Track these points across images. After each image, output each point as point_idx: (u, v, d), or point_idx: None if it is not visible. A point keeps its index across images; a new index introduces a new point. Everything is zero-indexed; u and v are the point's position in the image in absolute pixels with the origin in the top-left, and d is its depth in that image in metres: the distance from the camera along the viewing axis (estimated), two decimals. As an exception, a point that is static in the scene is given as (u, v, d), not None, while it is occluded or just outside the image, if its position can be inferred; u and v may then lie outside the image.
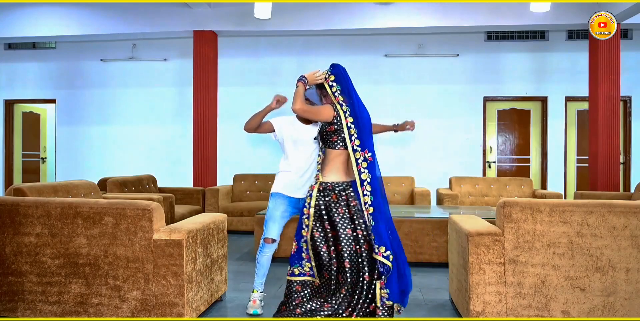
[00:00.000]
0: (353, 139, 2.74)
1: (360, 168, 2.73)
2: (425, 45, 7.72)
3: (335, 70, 2.87)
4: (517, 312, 2.54)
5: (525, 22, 6.47)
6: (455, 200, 5.95)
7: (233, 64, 7.85)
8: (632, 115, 7.65)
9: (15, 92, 8.46)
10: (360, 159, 2.73)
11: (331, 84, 2.83)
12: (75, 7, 6.99)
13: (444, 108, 7.72)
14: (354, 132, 2.75)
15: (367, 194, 2.71)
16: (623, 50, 6.61)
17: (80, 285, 2.72)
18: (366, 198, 2.71)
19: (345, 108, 2.78)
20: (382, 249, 2.65)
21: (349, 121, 2.75)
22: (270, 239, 3.14)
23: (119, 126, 8.20)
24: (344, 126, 2.75)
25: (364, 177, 2.72)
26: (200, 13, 6.82)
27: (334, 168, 2.83)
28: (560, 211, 2.51)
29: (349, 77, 2.88)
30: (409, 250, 4.42)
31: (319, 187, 2.82)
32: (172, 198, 5.31)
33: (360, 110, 2.80)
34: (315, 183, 2.86)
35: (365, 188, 2.71)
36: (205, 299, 2.93)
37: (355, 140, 2.74)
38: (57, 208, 2.73)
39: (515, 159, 7.88)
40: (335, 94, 2.81)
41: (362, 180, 2.72)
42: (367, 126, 2.80)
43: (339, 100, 2.80)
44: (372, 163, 2.74)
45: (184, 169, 7.68)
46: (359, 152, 2.74)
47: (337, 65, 2.90)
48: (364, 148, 2.74)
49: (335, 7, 6.66)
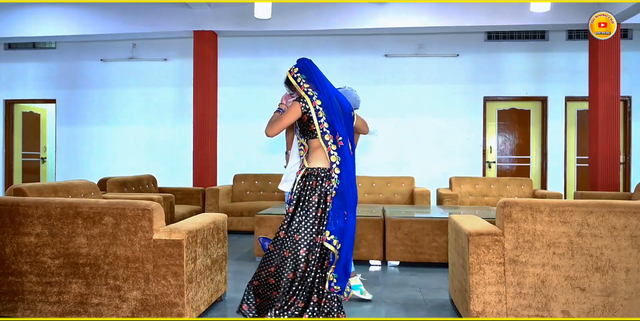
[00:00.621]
0: (322, 121, 2.77)
1: (330, 150, 2.76)
2: (425, 45, 7.73)
3: (299, 63, 2.92)
4: (517, 312, 2.54)
5: (525, 22, 6.47)
6: (455, 200, 5.95)
7: (233, 64, 7.85)
8: (632, 115, 7.65)
9: (15, 92, 8.46)
10: (329, 142, 2.76)
11: (296, 75, 2.88)
12: (75, 7, 6.99)
13: (444, 108, 7.72)
14: (322, 115, 2.77)
15: (334, 177, 2.74)
16: (623, 50, 6.61)
17: (80, 285, 2.72)
18: (333, 180, 2.75)
19: (311, 93, 2.82)
20: (327, 234, 2.69)
21: (317, 104, 2.78)
22: None
23: (119, 126, 8.20)
24: (312, 109, 2.78)
25: (333, 159, 2.76)
26: (200, 13, 6.82)
27: (318, 156, 2.84)
28: (560, 211, 2.51)
29: (317, 68, 2.91)
30: (409, 250, 4.43)
31: (303, 173, 2.83)
32: (172, 198, 5.31)
33: (330, 96, 2.82)
34: (301, 169, 2.87)
35: (334, 171, 2.74)
36: (205, 299, 2.93)
37: (324, 123, 2.77)
38: (57, 208, 2.73)
39: (515, 159, 7.88)
40: (301, 83, 2.86)
41: (332, 162, 2.76)
42: (339, 112, 2.82)
43: (304, 88, 2.84)
44: (343, 147, 2.77)
45: (184, 169, 7.68)
46: (328, 134, 2.76)
47: (302, 58, 2.95)
48: (335, 132, 2.77)
49: (335, 7, 6.66)
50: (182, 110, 7.93)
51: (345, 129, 2.81)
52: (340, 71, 7.63)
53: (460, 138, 7.73)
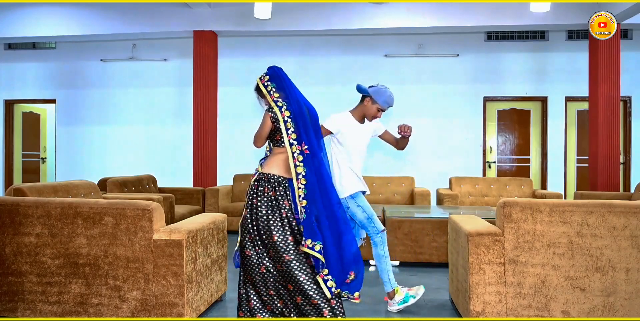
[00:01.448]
0: (290, 133, 2.79)
1: (296, 162, 2.78)
2: (425, 46, 7.72)
3: (270, 71, 2.94)
4: (517, 312, 2.54)
5: (525, 22, 6.47)
6: (455, 200, 5.95)
7: (233, 64, 7.84)
8: (632, 115, 7.65)
9: (15, 92, 8.46)
10: (296, 153, 2.78)
11: (266, 83, 2.89)
12: (75, 7, 6.99)
13: (444, 108, 7.72)
14: (290, 126, 2.80)
15: (301, 188, 2.76)
16: (623, 50, 6.61)
17: (80, 285, 2.72)
18: (300, 191, 2.76)
19: (280, 103, 2.84)
20: (309, 242, 2.69)
21: (286, 115, 2.80)
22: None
23: (119, 126, 8.20)
24: (281, 120, 2.80)
25: (299, 170, 2.77)
26: (200, 13, 6.82)
27: (274, 163, 2.85)
28: (560, 211, 2.51)
29: (286, 76, 2.92)
30: (409, 250, 4.43)
31: (256, 177, 2.84)
32: (172, 198, 5.31)
33: (300, 105, 2.83)
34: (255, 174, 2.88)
35: (300, 182, 2.76)
36: (205, 299, 2.93)
37: (292, 134, 2.79)
38: (57, 208, 2.73)
39: (515, 159, 7.88)
40: (271, 92, 2.87)
41: (297, 173, 2.77)
42: (307, 121, 2.83)
43: (274, 97, 2.85)
44: (309, 156, 2.78)
45: (184, 170, 7.68)
46: (295, 146, 2.79)
47: (272, 66, 2.97)
48: (301, 142, 2.79)
49: (335, 7, 6.65)
50: (182, 110, 7.92)
51: (314, 138, 2.83)
52: (340, 71, 7.63)
53: (460, 138, 7.73)
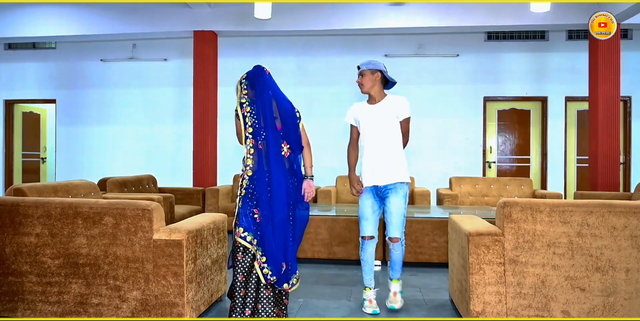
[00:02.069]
0: (247, 127, 2.90)
1: (247, 154, 2.89)
2: (425, 46, 7.72)
3: (251, 69, 2.97)
4: (517, 312, 2.54)
5: (525, 22, 6.47)
6: (455, 200, 5.95)
7: (233, 64, 7.84)
8: (632, 115, 7.65)
9: (15, 92, 8.46)
10: (249, 146, 2.90)
11: (243, 81, 2.95)
12: (75, 7, 6.99)
13: (444, 108, 7.72)
14: (249, 120, 2.89)
15: (245, 179, 2.86)
16: (623, 50, 6.61)
17: (80, 285, 2.72)
18: (244, 182, 2.86)
19: (244, 100, 2.91)
20: (240, 230, 2.81)
21: (245, 111, 2.90)
22: (367, 237, 3.19)
23: (119, 126, 8.20)
24: (240, 115, 2.91)
25: (248, 162, 2.89)
26: (200, 13, 6.82)
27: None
28: (560, 211, 2.51)
29: (264, 76, 2.93)
30: (409, 250, 4.43)
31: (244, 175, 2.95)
32: (172, 198, 5.31)
33: (265, 103, 2.87)
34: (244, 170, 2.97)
35: (246, 173, 2.86)
36: (205, 299, 2.93)
37: (249, 128, 2.89)
38: (57, 208, 2.73)
39: (515, 159, 7.88)
40: (242, 89, 2.93)
41: (246, 165, 2.89)
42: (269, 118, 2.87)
43: (242, 94, 2.92)
44: (260, 152, 2.86)
45: (184, 170, 7.68)
46: (250, 139, 2.89)
47: (256, 65, 3.00)
48: (256, 136, 2.88)
49: (335, 7, 6.66)
50: (182, 110, 7.92)
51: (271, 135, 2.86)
52: (341, 71, 7.63)
53: (460, 138, 7.73)
